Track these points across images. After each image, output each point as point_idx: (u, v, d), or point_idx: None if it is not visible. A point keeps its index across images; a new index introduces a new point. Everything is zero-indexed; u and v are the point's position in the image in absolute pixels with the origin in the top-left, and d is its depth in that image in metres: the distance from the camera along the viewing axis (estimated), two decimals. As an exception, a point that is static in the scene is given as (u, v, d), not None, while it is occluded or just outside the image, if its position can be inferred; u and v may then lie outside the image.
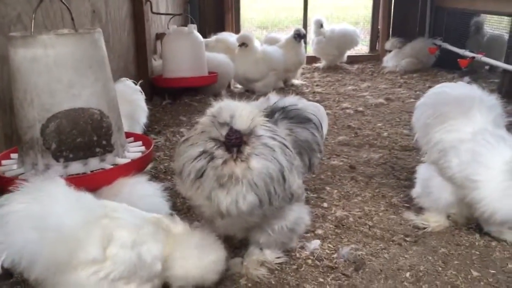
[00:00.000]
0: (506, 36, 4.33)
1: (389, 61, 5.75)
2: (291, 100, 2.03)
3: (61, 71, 1.84)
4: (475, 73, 5.07)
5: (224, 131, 1.43)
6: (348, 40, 5.81)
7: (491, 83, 4.58)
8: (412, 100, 4.29)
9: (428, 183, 2.12)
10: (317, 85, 5.01)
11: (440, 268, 1.82)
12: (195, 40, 4.08)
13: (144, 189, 1.91)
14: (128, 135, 2.27)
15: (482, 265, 1.83)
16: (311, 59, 6.07)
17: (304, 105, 2.03)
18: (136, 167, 2.00)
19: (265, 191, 1.49)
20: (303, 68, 5.81)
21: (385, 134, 3.35)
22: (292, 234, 1.76)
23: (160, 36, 4.54)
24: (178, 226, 1.58)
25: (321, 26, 5.80)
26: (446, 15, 5.64)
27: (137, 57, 4.04)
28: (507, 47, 4.01)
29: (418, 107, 2.29)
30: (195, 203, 1.59)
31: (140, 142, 2.27)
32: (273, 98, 2.08)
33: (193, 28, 4.13)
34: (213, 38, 4.97)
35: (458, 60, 4.62)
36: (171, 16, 4.63)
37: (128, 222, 1.47)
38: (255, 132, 1.49)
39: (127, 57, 3.86)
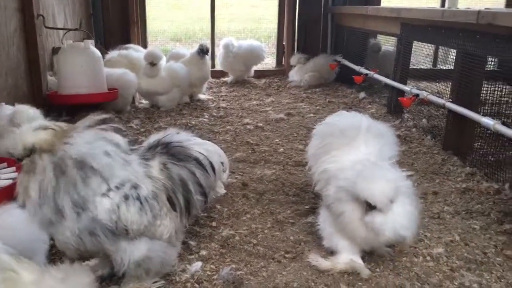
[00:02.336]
0: (395, 55, 4.64)
1: (294, 75, 5.95)
2: (181, 137, 1.99)
3: None
4: (371, 88, 5.41)
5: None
6: (254, 55, 5.94)
7: (384, 98, 4.90)
8: (311, 115, 4.47)
9: (325, 224, 2.09)
10: (223, 100, 5.06)
11: (312, 284, 1.90)
12: (91, 56, 3.96)
13: (13, 218, 1.81)
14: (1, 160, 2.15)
15: (351, 280, 1.94)
16: (220, 73, 6.13)
17: (195, 143, 1.98)
18: (5, 194, 1.90)
19: None
20: (211, 82, 5.86)
21: (281, 149, 3.46)
22: (140, 270, 1.70)
23: (57, 51, 4.36)
24: (30, 271, 1.32)
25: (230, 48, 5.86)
26: (346, 33, 5.96)
27: (30, 73, 3.84)
28: (394, 65, 4.31)
29: (312, 136, 2.36)
30: None
31: (13, 168, 2.16)
32: (169, 133, 2.03)
33: (90, 43, 4.01)
34: (116, 53, 4.86)
35: (353, 76, 4.89)
36: (66, 30, 4.47)
37: None
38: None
39: (17, 73, 3.67)
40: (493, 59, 4.05)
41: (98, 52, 4.08)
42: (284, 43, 6.38)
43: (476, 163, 3.14)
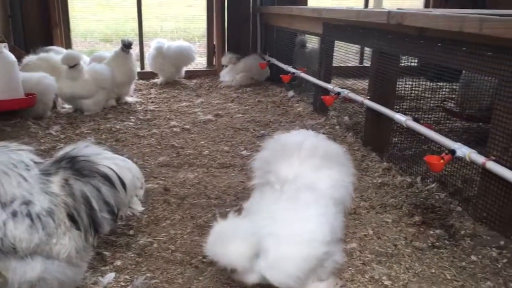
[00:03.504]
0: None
1: (225, 76, 5.95)
2: (90, 150, 1.85)
3: None
4: (300, 86, 5.50)
5: None
6: (184, 56, 5.87)
7: (312, 96, 5.00)
8: (240, 115, 4.48)
9: None
10: (152, 102, 4.97)
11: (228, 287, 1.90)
12: (5, 60, 3.76)
13: None
14: None
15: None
16: (150, 75, 6.01)
17: (104, 158, 1.85)
18: None
19: None
20: (140, 84, 5.74)
21: (206, 152, 3.43)
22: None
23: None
24: None
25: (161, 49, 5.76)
26: (275, 33, 6.03)
27: None
28: (318, 64, 4.41)
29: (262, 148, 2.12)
30: None
31: None
32: (78, 146, 1.91)
33: (3, 48, 3.80)
34: (35, 56, 4.63)
35: (281, 75, 4.96)
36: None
37: None
38: None
39: None
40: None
41: (12, 56, 3.88)
42: (214, 43, 6.35)
43: (393, 158, 3.27)
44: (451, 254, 2.14)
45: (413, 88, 3.89)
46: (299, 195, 1.71)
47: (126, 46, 4.69)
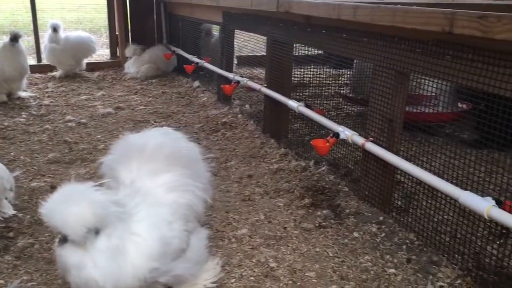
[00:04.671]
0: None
1: (130, 67, 5.76)
2: None
3: None
4: (206, 77, 5.47)
5: None
6: (84, 48, 5.59)
7: (217, 86, 4.98)
8: (142, 107, 4.37)
9: None
10: (48, 96, 4.69)
11: (109, 284, 1.84)
12: None
13: None
14: None
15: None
16: (48, 68, 5.67)
17: None
18: None
19: None
20: (36, 78, 5.40)
21: (102, 146, 3.31)
22: None
23: None
24: None
25: (55, 30, 5.42)
26: (180, 22, 5.92)
27: None
28: (220, 53, 4.40)
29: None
30: None
31: None
32: None
33: None
34: None
35: (184, 66, 4.89)
36: None
37: None
38: None
39: None
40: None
41: None
42: (117, 33, 6.12)
43: (290, 144, 3.35)
44: (336, 233, 2.24)
45: (317, 76, 4.04)
46: (128, 203, 1.53)
47: (13, 38, 4.38)
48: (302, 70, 3.87)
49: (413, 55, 2.05)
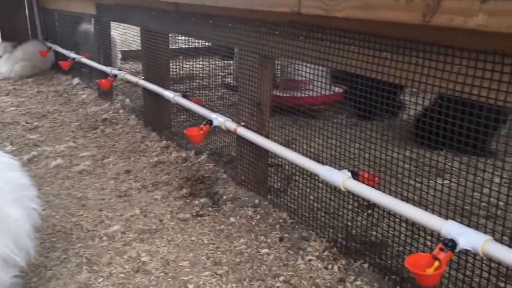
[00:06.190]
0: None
1: (1, 67, 5.29)
2: None
3: None
4: (87, 74, 5.18)
5: None
6: None
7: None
8: (13, 108, 4.03)
9: None
10: None
11: None
12: None
13: None
14: None
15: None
16: None
17: None
18: None
19: None
20: None
21: (-40, 152, 2.98)
22: None
23: None
24: None
25: None
26: (57, 17, 5.54)
27: None
28: (97, 47, 4.19)
29: None
30: None
31: None
32: None
33: None
34: None
35: (59, 62, 4.60)
36: None
37: None
38: None
39: None
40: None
41: None
42: (-17, 30, 5.59)
43: (172, 136, 3.29)
44: (213, 220, 2.22)
45: (205, 67, 4.00)
46: None
47: None
48: (191, 62, 3.81)
49: (273, 38, 2.08)
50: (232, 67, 4.92)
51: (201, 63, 3.89)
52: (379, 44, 1.56)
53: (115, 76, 3.60)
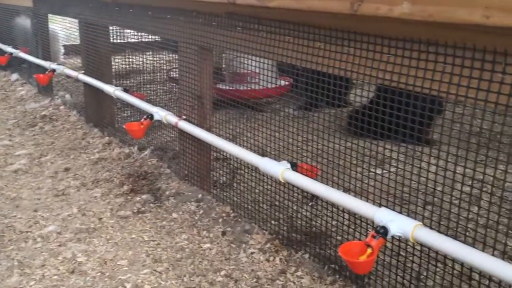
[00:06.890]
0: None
1: None
2: None
3: None
4: (27, 69, 4.95)
5: None
6: None
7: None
8: None
9: None
10: None
11: None
12: None
13: None
14: None
15: None
16: None
17: None
18: None
19: None
20: None
21: None
22: None
23: None
24: None
25: None
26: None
27: None
28: (35, 41, 4.01)
29: None
30: None
31: None
32: None
33: None
34: None
35: (-5, 57, 4.37)
36: None
37: None
38: None
39: None
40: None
41: None
42: None
43: (115, 132, 3.19)
44: (154, 216, 2.17)
45: (153, 62, 3.89)
46: None
47: None
48: (138, 57, 3.70)
49: (211, 29, 2.05)
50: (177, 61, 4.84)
51: (150, 57, 3.80)
52: (312, 34, 1.56)
53: (54, 70, 3.45)
